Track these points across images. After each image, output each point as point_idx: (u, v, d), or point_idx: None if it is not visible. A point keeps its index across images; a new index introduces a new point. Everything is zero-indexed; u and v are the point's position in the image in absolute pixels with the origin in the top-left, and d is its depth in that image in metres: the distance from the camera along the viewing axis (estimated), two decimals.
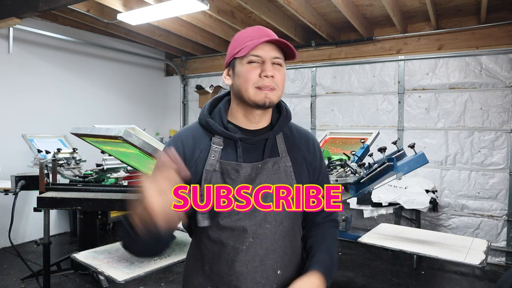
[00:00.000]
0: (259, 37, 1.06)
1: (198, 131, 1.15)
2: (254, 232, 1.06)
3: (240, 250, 1.06)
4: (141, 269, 2.01)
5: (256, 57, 1.06)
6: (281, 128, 1.16)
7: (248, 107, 1.10)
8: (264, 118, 1.14)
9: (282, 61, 1.09)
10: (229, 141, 1.11)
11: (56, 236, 5.11)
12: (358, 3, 4.31)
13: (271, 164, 1.10)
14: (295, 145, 1.17)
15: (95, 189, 2.80)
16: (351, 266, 4.15)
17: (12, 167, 4.13)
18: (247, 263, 1.06)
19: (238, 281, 1.06)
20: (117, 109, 5.95)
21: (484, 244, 2.55)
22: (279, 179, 1.10)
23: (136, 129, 2.51)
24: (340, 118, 5.26)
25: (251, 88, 1.06)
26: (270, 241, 1.07)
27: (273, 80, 1.06)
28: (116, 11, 4.19)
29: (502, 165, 4.27)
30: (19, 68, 4.74)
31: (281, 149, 1.14)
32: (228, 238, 1.07)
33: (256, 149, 1.12)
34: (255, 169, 1.09)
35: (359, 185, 2.87)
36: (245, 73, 1.06)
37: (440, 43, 4.59)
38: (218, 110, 1.15)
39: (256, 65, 1.06)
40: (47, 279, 2.96)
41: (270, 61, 1.07)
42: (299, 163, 1.15)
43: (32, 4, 3.39)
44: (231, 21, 4.61)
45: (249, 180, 1.08)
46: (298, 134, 1.21)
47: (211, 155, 1.09)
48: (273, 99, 1.07)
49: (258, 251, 1.06)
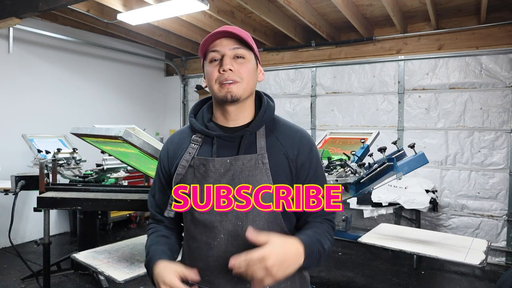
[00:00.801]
0: (215, 34, 1.09)
1: (185, 131, 1.21)
2: (225, 229, 1.08)
3: (212, 246, 1.09)
4: (141, 269, 2.01)
5: (214, 52, 1.10)
6: (259, 124, 1.13)
7: (221, 104, 1.13)
8: (241, 114, 1.14)
9: (244, 52, 1.10)
10: (207, 138, 1.15)
11: (56, 236, 5.11)
12: (358, 3, 4.31)
13: (246, 161, 1.09)
14: (278, 141, 1.13)
15: (95, 189, 2.80)
16: (351, 266, 4.14)
17: (12, 167, 4.13)
18: (219, 259, 1.08)
19: (212, 277, 1.09)
20: (117, 109, 5.95)
21: (484, 244, 2.55)
22: (253, 176, 1.08)
23: (136, 129, 2.50)
24: (340, 118, 5.26)
25: (214, 85, 1.10)
26: (242, 239, 1.04)
27: (234, 73, 1.08)
28: (116, 11, 4.19)
29: (502, 165, 4.27)
30: (19, 68, 4.74)
31: (260, 145, 1.11)
32: (201, 233, 1.11)
33: (232, 146, 1.12)
34: (223, 165, 1.09)
35: (359, 185, 2.87)
36: (209, 72, 1.11)
37: (440, 43, 4.59)
38: (202, 110, 1.21)
39: (216, 63, 1.10)
40: (47, 279, 2.96)
41: (230, 55, 1.08)
42: (279, 160, 1.11)
43: (32, 4, 3.39)
44: (231, 21, 4.61)
45: (219, 175, 1.09)
46: (283, 129, 1.17)
47: (188, 151, 1.14)
48: (235, 92, 1.08)
49: (229, 248, 1.07)
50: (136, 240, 2.57)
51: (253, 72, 1.13)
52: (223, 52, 1.08)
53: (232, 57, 1.09)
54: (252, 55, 1.13)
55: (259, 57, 1.18)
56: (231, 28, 1.09)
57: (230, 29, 1.08)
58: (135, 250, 2.30)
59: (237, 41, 1.09)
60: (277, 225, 1.11)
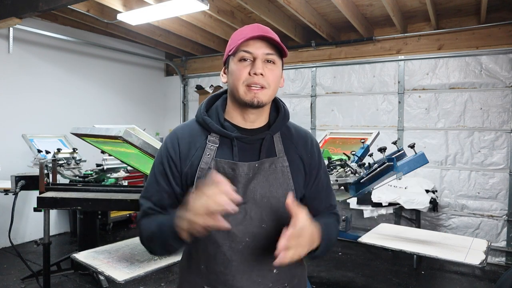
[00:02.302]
0: (251, 33, 1.05)
1: (195, 128, 1.14)
2: (250, 232, 1.06)
3: (236, 250, 1.06)
4: (141, 269, 2.01)
5: (246, 53, 1.05)
6: (278, 128, 1.15)
7: (242, 106, 1.10)
8: (260, 117, 1.13)
9: (275, 58, 1.08)
10: (225, 139, 1.10)
11: (56, 236, 5.11)
12: (358, 3, 4.31)
13: (268, 164, 1.09)
14: (292, 144, 1.16)
15: (95, 189, 2.80)
16: (351, 266, 4.14)
17: (12, 167, 4.14)
18: (243, 262, 1.07)
19: (234, 280, 1.07)
20: (117, 109, 5.95)
21: (484, 244, 2.55)
22: (276, 179, 1.09)
23: (136, 129, 2.50)
24: (340, 118, 5.26)
25: (241, 86, 1.06)
26: (267, 241, 1.06)
27: (264, 78, 1.05)
28: (116, 11, 4.19)
29: (502, 165, 4.27)
30: (19, 68, 4.74)
31: (278, 149, 1.12)
32: (224, 238, 1.06)
33: (252, 148, 1.11)
34: (252, 169, 1.08)
35: (359, 185, 2.87)
36: (236, 71, 1.06)
37: (440, 43, 4.59)
38: (215, 108, 1.15)
39: (247, 63, 1.06)
40: (47, 279, 2.96)
41: (262, 58, 1.06)
42: (296, 162, 1.14)
43: (32, 4, 3.39)
44: (231, 21, 4.61)
45: (246, 179, 1.07)
46: (295, 133, 1.19)
47: (206, 153, 1.08)
48: (262, 99, 1.06)
49: (254, 250, 1.07)
50: (136, 240, 2.56)
51: (279, 78, 1.11)
52: (256, 55, 1.05)
53: (263, 60, 1.06)
54: (280, 61, 1.11)
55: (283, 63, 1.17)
56: (268, 32, 1.07)
57: (267, 33, 1.06)
58: (135, 250, 2.30)
59: (270, 45, 1.07)
60: None
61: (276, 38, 1.07)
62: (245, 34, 1.06)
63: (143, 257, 2.19)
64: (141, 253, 2.24)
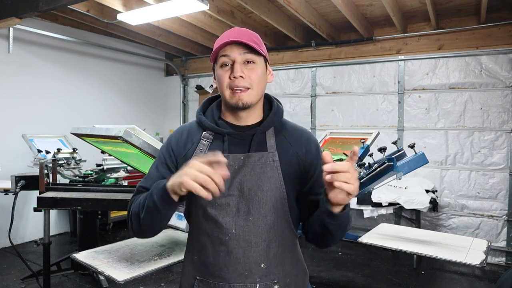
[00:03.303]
0: (227, 39, 1.09)
1: (194, 127, 1.22)
2: (237, 224, 1.09)
3: (223, 241, 1.09)
4: (141, 269, 2.01)
5: (225, 57, 1.10)
6: (270, 124, 1.17)
7: (232, 108, 1.15)
8: (251, 115, 1.17)
9: (254, 57, 1.10)
10: (218, 136, 1.16)
11: (56, 236, 5.11)
12: (358, 3, 4.31)
13: (257, 158, 1.11)
14: (286, 141, 1.17)
15: (95, 189, 2.80)
16: (351, 266, 4.15)
17: (12, 167, 4.14)
18: (229, 254, 1.09)
19: (221, 272, 1.09)
20: (117, 109, 5.95)
21: (484, 244, 2.55)
22: (264, 173, 1.11)
23: (136, 129, 2.50)
24: (340, 118, 5.26)
25: (226, 90, 1.11)
26: (253, 234, 1.08)
27: (245, 79, 1.09)
28: (116, 11, 4.19)
29: (502, 165, 4.27)
30: (19, 68, 4.74)
31: (270, 144, 1.15)
32: (212, 228, 1.10)
33: (243, 144, 1.15)
34: (237, 161, 1.11)
35: (359, 185, 2.86)
36: (219, 77, 1.12)
37: (440, 43, 4.59)
38: (211, 108, 1.22)
39: (227, 68, 1.10)
40: (47, 279, 2.96)
41: (241, 60, 1.09)
42: (289, 159, 1.15)
43: (32, 4, 3.39)
44: (231, 21, 4.61)
45: (233, 172, 1.09)
46: (291, 129, 1.21)
47: (199, 148, 1.15)
48: (246, 100, 1.10)
49: (240, 243, 1.09)
50: (136, 240, 2.57)
51: (263, 76, 1.14)
52: (233, 58, 1.09)
53: (242, 62, 1.09)
54: (262, 58, 1.13)
55: (268, 58, 1.19)
56: (239, 36, 1.09)
57: (238, 38, 1.08)
58: (135, 250, 2.30)
59: (247, 46, 1.09)
60: (286, 221, 1.14)
61: (249, 41, 1.08)
62: (221, 40, 1.10)
63: (143, 257, 2.19)
64: (141, 253, 2.25)
